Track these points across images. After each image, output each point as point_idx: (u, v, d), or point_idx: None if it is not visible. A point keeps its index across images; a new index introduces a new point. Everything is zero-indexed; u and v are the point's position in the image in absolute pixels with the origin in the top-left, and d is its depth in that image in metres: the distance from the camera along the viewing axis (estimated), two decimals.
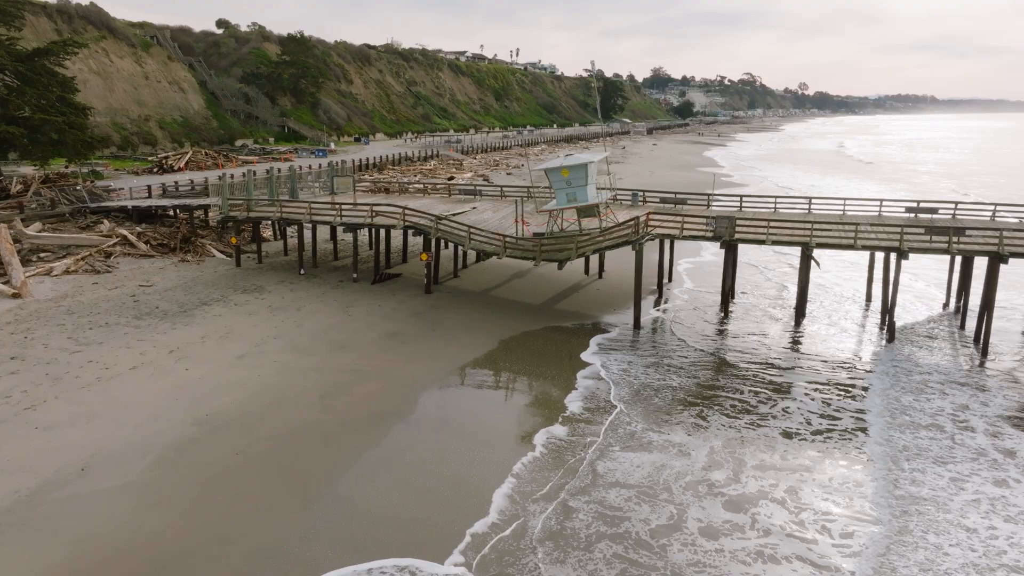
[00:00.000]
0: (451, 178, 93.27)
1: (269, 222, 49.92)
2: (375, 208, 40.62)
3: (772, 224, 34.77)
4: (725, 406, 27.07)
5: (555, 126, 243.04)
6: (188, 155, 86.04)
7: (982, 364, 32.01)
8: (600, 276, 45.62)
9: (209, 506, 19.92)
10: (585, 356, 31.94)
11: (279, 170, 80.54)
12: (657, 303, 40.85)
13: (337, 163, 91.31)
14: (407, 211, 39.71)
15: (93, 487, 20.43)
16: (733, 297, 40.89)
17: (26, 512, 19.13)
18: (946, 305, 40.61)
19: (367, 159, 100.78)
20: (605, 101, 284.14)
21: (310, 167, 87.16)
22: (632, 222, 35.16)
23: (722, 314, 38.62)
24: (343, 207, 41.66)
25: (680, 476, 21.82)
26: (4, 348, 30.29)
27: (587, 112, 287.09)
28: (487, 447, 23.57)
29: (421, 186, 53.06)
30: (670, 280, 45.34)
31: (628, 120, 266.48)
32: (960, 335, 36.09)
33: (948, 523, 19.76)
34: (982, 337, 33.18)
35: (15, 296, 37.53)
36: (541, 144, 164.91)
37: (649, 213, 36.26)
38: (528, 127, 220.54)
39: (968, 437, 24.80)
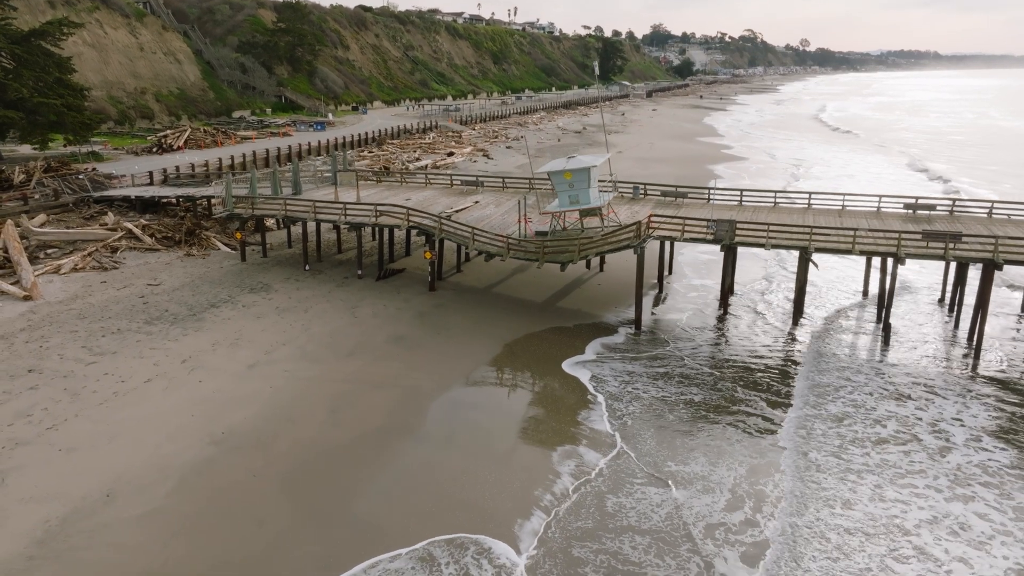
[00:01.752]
0: (451, 154, 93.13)
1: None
2: (379, 208, 41.00)
3: (772, 228, 35.25)
4: (747, 424, 27.31)
5: (553, 89, 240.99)
6: (187, 133, 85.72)
7: (974, 367, 32.89)
8: (601, 270, 46.17)
9: (230, 534, 20.83)
10: (590, 365, 32.61)
11: (279, 150, 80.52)
12: (658, 300, 41.53)
13: (338, 144, 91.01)
14: (411, 211, 40.12)
15: (119, 515, 21.32)
16: (733, 293, 41.54)
17: (58, 543, 20.04)
18: (941, 301, 41.35)
19: (366, 133, 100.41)
20: (604, 63, 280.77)
21: (309, 145, 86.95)
22: (634, 226, 35.64)
23: (721, 311, 39.34)
24: (347, 206, 42.00)
25: (700, 517, 21.85)
26: (21, 359, 31.01)
27: (586, 74, 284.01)
28: (499, 469, 24.42)
29: (423, 177, 53.15)
30: (670, 272, 45.95)
31: (627, 83, 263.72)
32: (954, 335, 36.88)
33: (913, 546, 20.78)
34: (975, 340, 34.01)
35: (26, 298, 38.11)
36: (540, 112, 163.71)
37: (651, 215, 36.70)
38: (527, 91, 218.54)
39: (943, 453, 25.73)
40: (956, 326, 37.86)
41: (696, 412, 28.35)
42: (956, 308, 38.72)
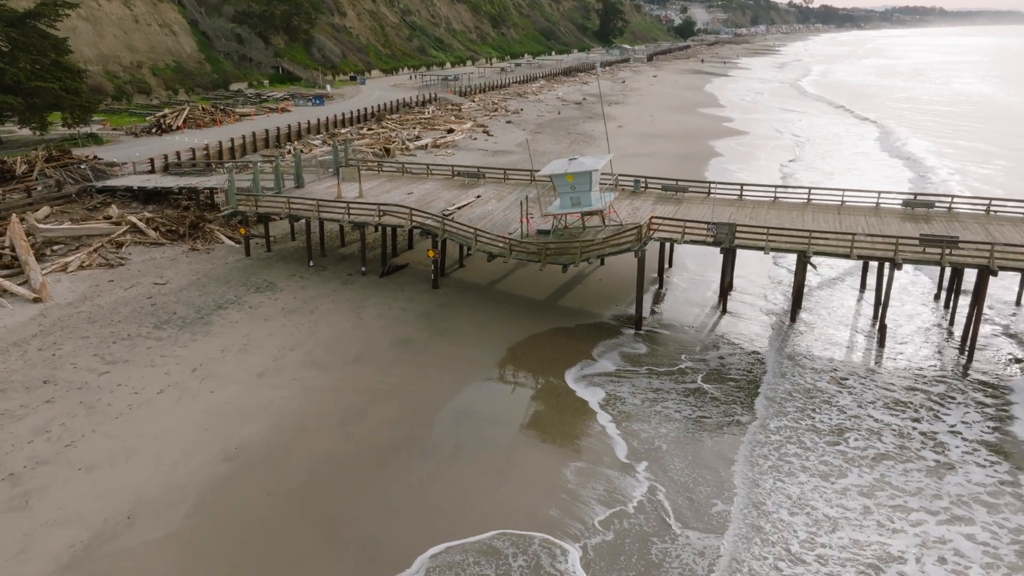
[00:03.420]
0: (450, 130, 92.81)
1: None
2: (383, 208, 41.33)
3: (771, 232, 35.65)
4: (784, 449, 27.35)
5: (553, 53, 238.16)
6: (185, 112, 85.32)
7: (966, 370, 33.66)
8: (602, 263, 46.46)
9: (248, 556, 21.73)
10: (597, 378, 32.94)
11: (278, 130, 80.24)
12: (658, 297, 42.10)
13: (338, 120, 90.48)
14: (414, 212, 40.48)
15: (140, 538, 22.21)
16: (732, 289, 42.07)
17: (84, 568, 20.94)
18: (937, 297, 41.97)
19: (366, 109, 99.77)
20: (604, 25, 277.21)
21: (308, 123, 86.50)
22: (635, 229, 36.07)
23: (721, 311, 39.94)
24: (351, 205, 42.32)
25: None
26: (35, 369, 31.69)
27: (585, 36, 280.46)
28: (509, 487, 25.29)
29: (424, 168, 53.28)
30: (671, 265, 46.43)
31: (628, 46, 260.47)
32: (949, 333, 37.59)
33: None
34: (970, 341, 34.76)
35: (36, 300, 38.65)
36: (539, 80, 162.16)
37: (651, 217, 37.09)
38: (526, 56, 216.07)
39: (940, 471, 26.62)
40: (951, 323, 38.54)
41: (697, 426, 29.18)
42: (952, 306, 39.34)
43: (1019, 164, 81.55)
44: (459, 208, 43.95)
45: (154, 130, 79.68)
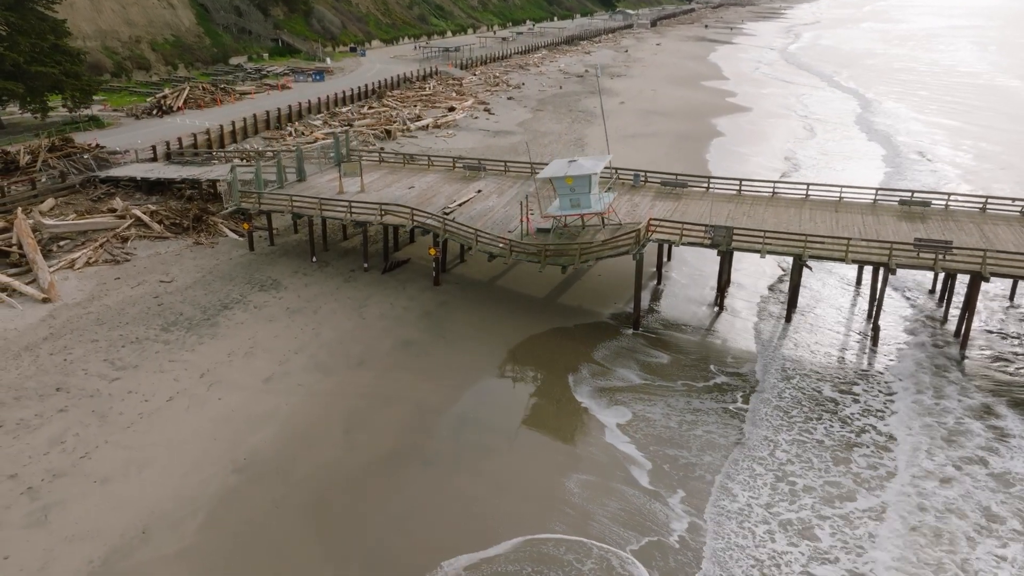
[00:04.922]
0: (451, 108, 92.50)
1: None
2: (384, 207, 41.76)
3: (768, 235, 36.09)
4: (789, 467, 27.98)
5: (556, 19, 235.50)
6: (185, 92, 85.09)
7: (961, 370, 34.42)
8: None
9: (257, 569, 22.73)
10: (600, 388, 33.80)
11: (279, 111, 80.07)
12: (657, 293, 42.69)
13: (339, 99, 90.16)
14: (415, 211, 40.92)
15: (155, 553, 23.20)
16: (730, 284, 42.67)
17: None
18: (932, 291, 42.54)
19: (366, 86, 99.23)
20: None
21: (309, 102, 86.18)
22: (633, 232, 36.54)
23: (718, 309, 40.60)
24: (353, 204, 42.71)
25: None
26: (48, 375, 32.50)
27: (588, 0, 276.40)
28: (507, 499, 26.24)
29: (426, 160, 53.53)
30: (669, 259, 46.93)
31: (631, 11, 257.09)
32: (942, 328, 38.27)
33: None
34: (962, 339, 35.53)
35: (45, 300, 39.33)
36: (541, 50, 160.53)
37: (650, 220, 37.52)
38: (528, 22, 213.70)
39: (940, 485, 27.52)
40: (944, 320, 39.19)
41: (693, 437, 30.05)
42: (946, 304, 39.96)
43: (992, 145, 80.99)
44: (460, 205, 44.35)
45: (155, 112, 79.59)
